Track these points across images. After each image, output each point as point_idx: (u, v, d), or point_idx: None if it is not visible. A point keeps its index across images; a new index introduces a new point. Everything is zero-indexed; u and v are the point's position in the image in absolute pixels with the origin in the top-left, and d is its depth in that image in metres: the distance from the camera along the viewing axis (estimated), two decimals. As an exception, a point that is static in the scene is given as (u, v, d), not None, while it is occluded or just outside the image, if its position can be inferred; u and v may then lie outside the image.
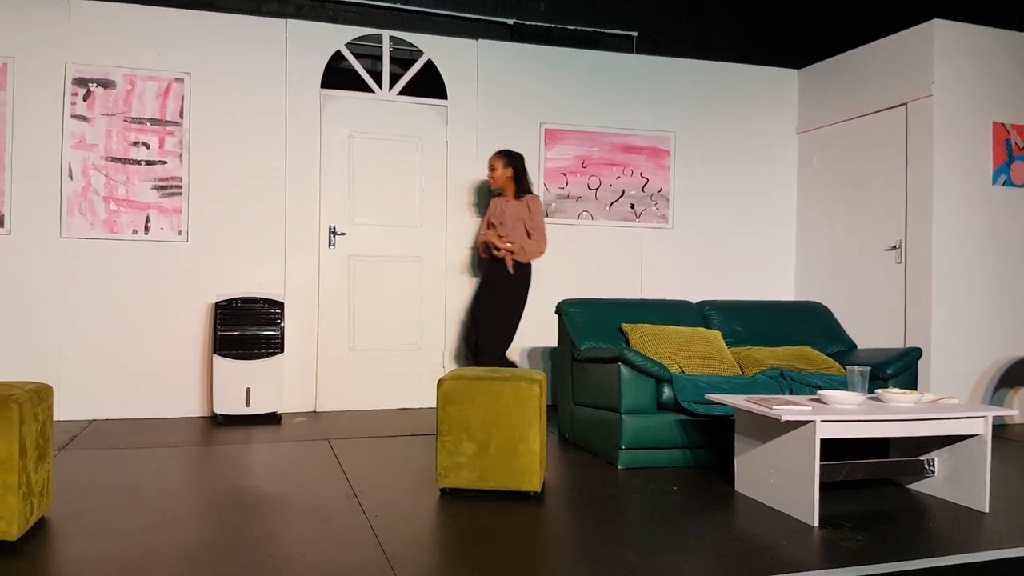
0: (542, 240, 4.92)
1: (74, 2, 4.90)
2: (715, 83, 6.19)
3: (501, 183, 5.01)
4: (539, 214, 4.94)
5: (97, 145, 4.92)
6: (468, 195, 5.60)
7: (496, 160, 5.02)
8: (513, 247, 4.85)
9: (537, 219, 4.92)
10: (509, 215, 4.93)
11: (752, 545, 2.65)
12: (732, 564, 2.47)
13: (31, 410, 2.58)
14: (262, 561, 2.43)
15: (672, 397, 3.76)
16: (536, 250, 4.92)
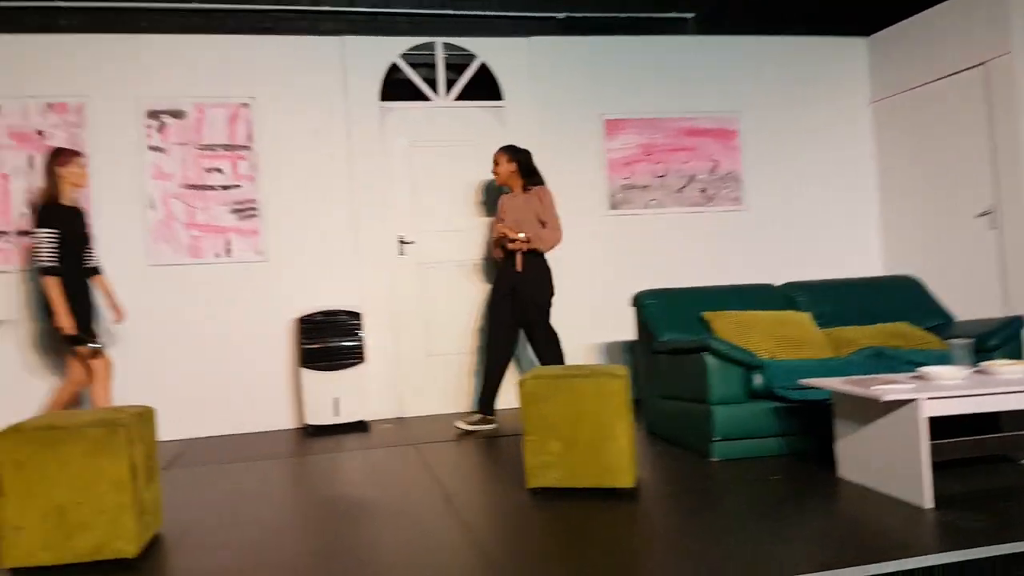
0: (558, 229, 4.77)
1: (142, 37, 5.10)
2: (779, 58, 6.02)
3: (505, 178, 4.88)
4: (551, 203, 4.80)
5: (174, 174, 5.10)
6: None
7: (499, 155, 4.89)
8: (528, 236, 4.70)
9: (550, 208, 4.78)
10: (519, 209, 4.80)
11: (863, 531, 2.56)
12: (844, 551, 2.38)
13: (138, 432, 2.69)
14: (364, 567, 2.47)
15: (764, 384, 3.66)
16: (552, 239, 4.75)
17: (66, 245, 4.26)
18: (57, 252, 4.21)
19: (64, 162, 4.30)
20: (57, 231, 4.22)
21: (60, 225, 4.24)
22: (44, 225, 4.20)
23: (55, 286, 4.19)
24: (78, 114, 4.98)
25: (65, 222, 4.27)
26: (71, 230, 4.30)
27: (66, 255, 4.26)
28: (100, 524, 2.55)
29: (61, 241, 4.23)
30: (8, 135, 4.88)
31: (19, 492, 2.51)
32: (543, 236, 4.72)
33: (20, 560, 2.52)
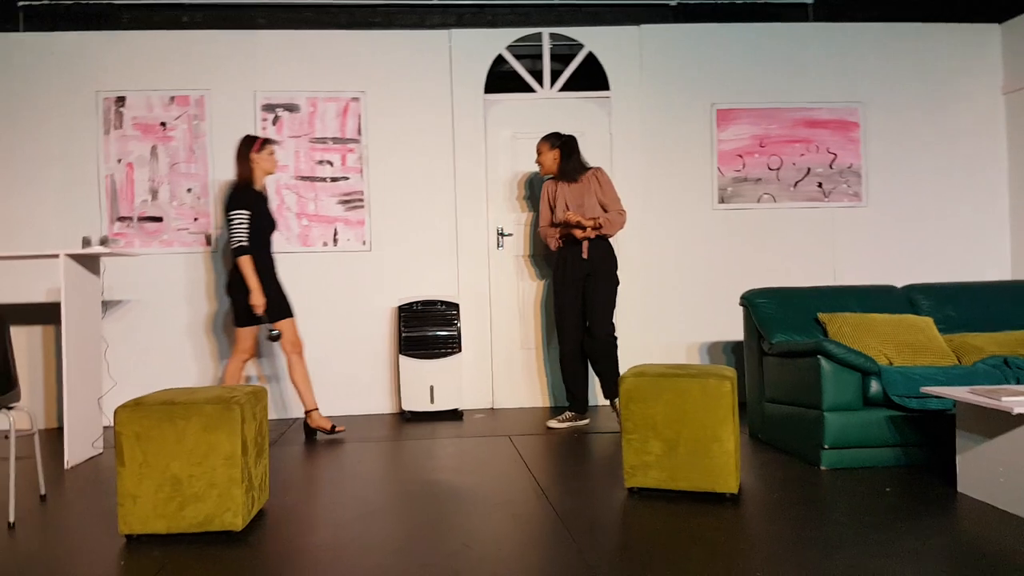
0: (622, 211, 4.60)
1: (259, 33, 5.29)
2: (905, 46, 5.68)
3: (549, 166, 4.72)
4: (611, 184, 4.63)
5: (287, 166, 5.27)
6: (634, 186, 5.48)
7: (542, 144, 4.75)
8: (600, 220, 4.51)
9: (611, 191, 4.61)
10: (576, 195, 4.62)
11: (984, 550, 2.37)
12: (962, 571, 2.22)
13: (250, 410, 2.79)
14: (460, 552, 2.48)
15: (881, 391, 3.46)
16: (619, 221, 4.57)
17: (255, 228, 4.32)
18: (248, 232, 4.27)
19: (258, 148, 4.37)
20: (249, 212, 4.27)
21: (251, 208, 4.30)
22: (238, 207, 4.26)
23: (248, 264, 4.26)
24: (199, 107, 5.22)
25: (255, 206, 4.33)
26: (260, 214, 4.35)
27: (255, 238, 4.32)
28: (211, 497, 2.65)
29: (251, 224, 4.29)
30: (133, 126, 5.17)
31: (137, 463, 2.64)
32: (611, 219, 4.56)
33: (135, 527, 2.65)
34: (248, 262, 4.26)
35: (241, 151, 4.38)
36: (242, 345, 4.43)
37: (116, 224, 5.15)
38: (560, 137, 4.72)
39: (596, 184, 4.61)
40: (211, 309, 5.21)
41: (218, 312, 5.21)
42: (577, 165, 4.67)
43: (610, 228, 4.56)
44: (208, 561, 2.48)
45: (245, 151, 4.38)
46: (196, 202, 5.21)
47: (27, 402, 5.01)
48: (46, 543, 2.70)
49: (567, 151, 4.67)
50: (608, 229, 4.55)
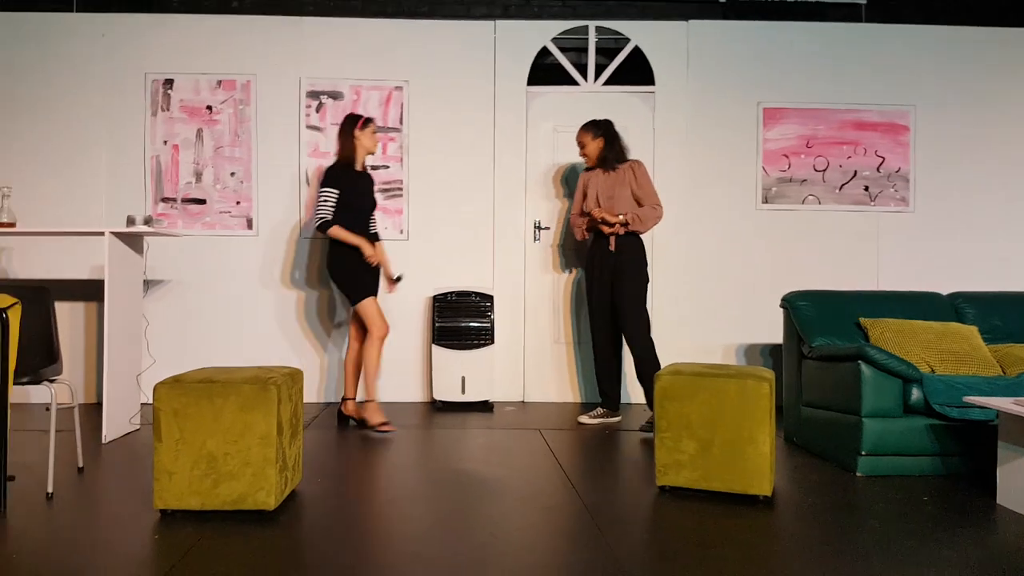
0: (658, 206, 4.44)
1: (306, 20, 5.33)
2: (959, 50, 5.53)
3: (596, 157, 4.56)
4: (648, 177, 4.47)
5: (329, 153, 5.31)
6: (676, 183, 5.43)
7: (584, 135, 4.59)
8: (627, 217, 4.38)
9: (646, 184, 4.44)
10: (610, 186, 4.47)
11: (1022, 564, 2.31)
12: (1009, 589, 2.16)
13: (287, 391, 2.81)
14: (489, 543, 2.47)
15: (922, 399, 3.39)
16: (653, 216, 4.42)
17: (351, 208, 4.24)
18: (332, 210, 4.18)
19: (362, 126, 4.29)
20: (337, 191, 4.20)
21: (346, 187, 4.22)
22: (327, 185, 4.20)
23: (340, 230, 4.19)
24: (245, 91, 5.28)
25: (352, 185, 4.25)
26: (357, 194, 4.28)
27: (351, 218, 4.24)
28: (245, 475, 2.68)
29: (341, 202, 4.21)
30: (180, 108, 5.25)
31: (174, 439, 2.68)
32: (642, 216, 4.40)
33: (169, 503, 2.69)
34: (339, 229, 4.20)
35: (345, 128, 4.31)
36: (374, 323, 4.26)
37: (160, 205, 5.23)
38: (599, 125, 4.59)
39: (632, 176, 4.49)
40: (250, 292, 5.27)
41: (257, 295, 5.27)
42: (619, 153, 4.55)
43: (641, 225, 4.42)
44: (240, 539, 2.51)
45: (349, 128, 4.30)
46: (239, 186, 5.27)
47: (68, 376, 5.12)
48: (82, 515, 2.75)
49: (610, 138, 4.55)
50: (638, 226, 4.42)
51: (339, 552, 2.40)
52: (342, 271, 4.28)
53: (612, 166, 4.52)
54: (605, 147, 4.55)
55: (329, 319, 5.32)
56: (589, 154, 4.61)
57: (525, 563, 2.32)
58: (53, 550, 2.39)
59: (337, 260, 4.28)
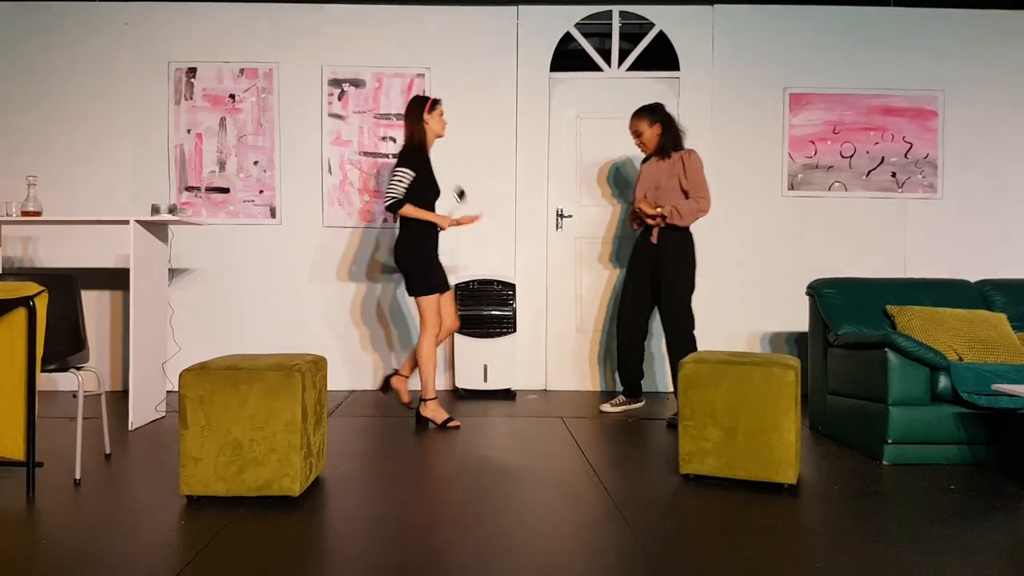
0: (703, 198, 4.19)
1: (327, 8, 5.32)
2: (991, 34, 5.41)
3: (654, 145, 4.35)
4: (697, 169, 4.22)
5: (351, 141, 5.32)
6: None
7: (639, 123, 4.36)
8: (664, 210, 4.19)
9: (695, 176, 4.21)
10: (659, 176, 4.29)
11: (1063, 559, 2.27)
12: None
13: (311, 378, 2.83)
14: (513, 529, 2.47)
15: (949, 387, 3.34)
16: (695, 209, 4.18)
17: (423, 193, 4.08)
18: (405, 191, 4.00)
19: (430, 109, 4.11)
20: (413, 173, 4.02)
21: (419, 170, 4.05)
22: (404, 165, 4.02)
23: (412, 209, 4.01)
24: (267, 80, 5.29)
25: (426, 170, 4.10)
26: (430, 179, 4.12)
27: (421, 203, 4.07)
28: (270, 462, 2.70)
29: (414, 186, 4.03)
30: (203, 97, 5.27)
31: (200, 426, 2.70)
32: (682, 209, 4.18)
33: (195, 489, 2.71)
34: (412, 207, 4.01)
35: (413, 112, 4.12)
36: (429, 319, 4.08)
37: (184, 194, 5.27)
38: (655, 110, 4.36)
39: (681, 167, 4.26)
40: (273, 280, 5.30)
41: (281, 284, 5.31)
42: (676, 138, 4.33)
43: (680, 219, 4.20)
44: (265, 524, 2.53)
45: (418, 112, 4.11)
46: (262, 175, 5.29)
47: (95, 364, 5.19)
48: (109, 500, 2.79)
49: (667, 122, 4.34)
50: (677, 220, 4.20)
51: (363, 538, 2.42)
52: (409, 259, 4.09)
53: (667, 153, 4.31)
54: (663, 133, 4.33)
55: (352, 307, 5.34)
56: (647, 142, 4.38)
57: (549, 549, 2.32)
58: (80, 536, 2.43)
59: (406, 247, 4.09)
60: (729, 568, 2.17)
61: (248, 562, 2.20)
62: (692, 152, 4.30)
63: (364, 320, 5.34)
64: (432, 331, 4.10)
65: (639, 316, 4.46)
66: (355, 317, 5.34)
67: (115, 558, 2.23)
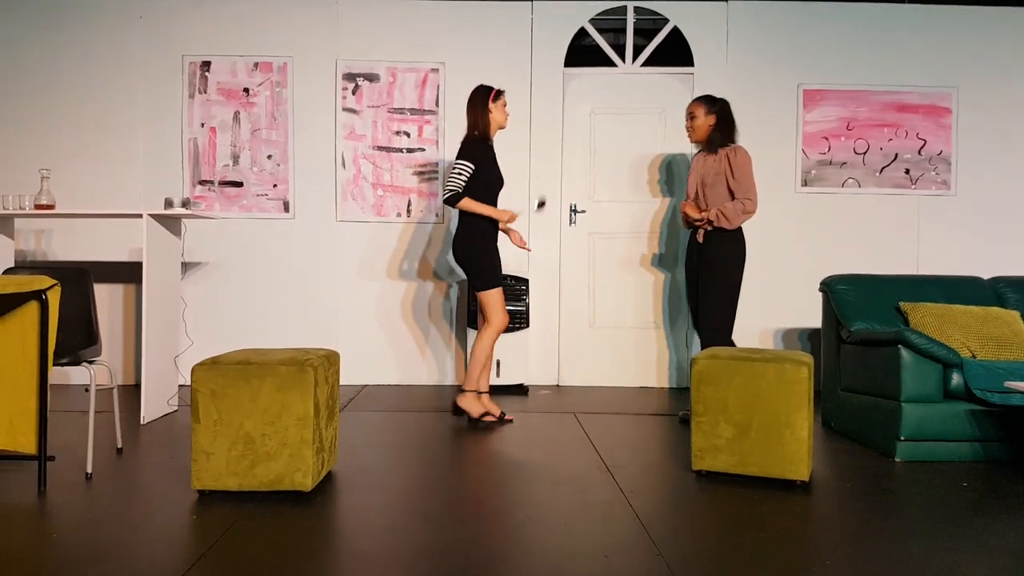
0: (750, 199, 4.08)
1: (342, 1, 5.32)
2: (1002, 31, 5.37)
3: (702, 134, 4.24)
4: (744, 167, 4.11)
5: (365, 136, 5.32)
6: (715, 167, 5.35)
7: (697, 107, 4.26)
8: (709, 215, 4.11)
9: (742, 174, 4.10)
10: (707, 172, 4.19)
11: (1076, 558, 2.26)
12: (1054, 579, 2.11)
13: (323, 373, 2.83)
14: (525, 524, 2.48)
15: (962, 384, 3.33)
16: (740, 211, 4.07)
17: (486, 184, 4.01)
18: (464, 184, 3.94)
19: (494, 99, 4.04)
20: (473, 166, 3.95)
21: (480, 163, 3.97)
22: (464, 157, 3.96)
23: (471, 203, 3.95)
24: (281, 74, 5.30)
25: (489, 161, 4.03)
26: (491, 170, 4.04)
27: (484, 195, 4.01)
28: (282, 456, 2.71)
29: (476, 178, 3.97)
30: (217, 91, 5.28)
31: (212, 420, 2.71)
32: (728, 214, 4.07)
33: (207, 483, 2.72)
34: (470, 201, 3.94)
35: (478, 101, 4.04)
36: (494, 315, 4.01)
37: (197, 187, 5.29)
38: (715, 101, 4.26)
39: (727, 165, 4.15)
40: (286, 275, 5.32)
41: (294, 278, 5.32)
42: (726, 136, 4.21)
43: (727, 223, 4.09)
44: (277, 519, 2.54)
45: (482, 101, 4.03)
46: (276, 169, 5.31)
47: (107, 358, 5.22)
48: (121, 494, 2.81)
49: (723, 117, 4.22)
50: (723, 223, 4.09)
51: (375, 533, 2.42)
52: (470, 254, 4.01)
53: (715, 149, 4.20)
54: (716, 127, 4.22)
55: (366, 302, 5.35)
56: (697, 127, 4.26)
57: (561, 545, 2.32)
58: (91, 530, 2.44)
59: (465, 242, 4.02)
60: (741, 564, 2.17)
61: (259, 557, 2.22)
62: (739, 149, 4.18)
63: (377, 315, 5.35)
64: (497, 327, 4.03)
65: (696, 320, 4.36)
66: (368, 312, 5.35)
67: (126, 552, 2.25)
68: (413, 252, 5.36)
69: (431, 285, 5.37)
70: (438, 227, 5.37)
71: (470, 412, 4.10)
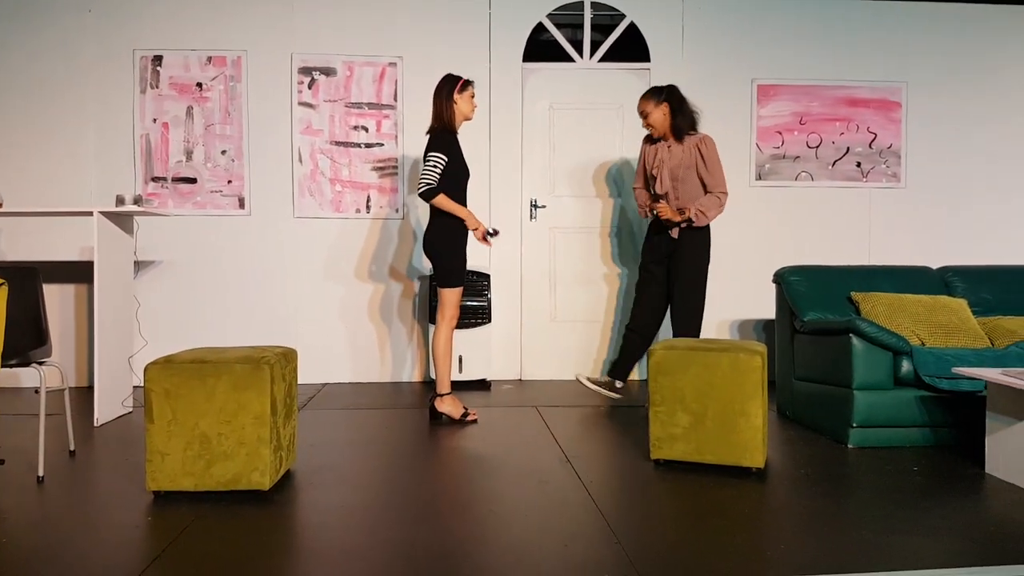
0: (723, 192, 4.15)
1: (298, -4, 5.27)
2: (951, 26, 5.52)
3: (664, 126, 4.21)
4: (715, 158, 4.14)
5: (322, 130, 5.27)
6: (673, 161, 5.41)
7: (645, 104, 4.20)
8: (691, 214, 4.13)
9: (715, 166, 4.13)
10: (676, 163, 4.20)
11: (1010, 531, 2.35)
12: (986, 549, 2.19)
13: (280, 371, 2.81)
14: (486, 517, 2.48)
15: (912, 371, 3.42)
16: (716, 205, 4.13)
17: (454, 178, 3.91)
18: (439, 177, 3.84)
19: (460, 89, 3.93)
20: (447, 158, 3.86)
21: (450, 154, 3.88)
22: (437, 149, 3.85)
23: (446, 200, 3.85)
24: (235, 68, 5.22)
25: (457, 153, 3.94)
26: (457, 162, 3.94)
27: (453, 188, 3.91)
28: (239, 455, 2.68)
29: (446, 170, 3.87)
30: (169, 85, 5.19)
31: (166, 420, 2.67)
32: (706, 210, 4.12)
33: (163, 484, 2.68)
34: (445, 199, 3.85)
35: (444, 91, 3.92)
36: (449, 310, 3.96)
37: (150, 184, 5.19)
38: (661, 90, 4.22)
39: (698, 155, 4.17)
40: (242, 272, 5.25)
41: (250, 275, 5.25)
42: (690, 119, 4.21)
43: (704, 220, 4.15)
44: (235, 519, 2.51)
45: (449, 91, 3.92)
46: (231, 164, 5.23)
47: (58, 359, 5.11)
48: (74, 497, 2.75)
49: (675, 102, 4.19)
50: (702, 221, 4.15)
51: (334, 530, 2.41)
52: (441, 249, 3.95)
53: (682, 136, 4.20)
54: (672, 114, 4.19)
55: (324, 299, 5.30)
56: (655, 124, 4.23)
57: (521, 536, 2.33)
58: (43, 533, 2.39)
59: (439, 237, 3.94)
60: (698, 550, 2.20)
61: (216, 557, 2.19)
62: (708, 139, 4.20)
63: (337, 312, 5.31)
64: (451, 323, 3.99)
65: (656, 318, 4.40)
66: (328, 309, 5.30)
67: (78, 556, 2.20)
68: (373, 248, 5.33)
69: (392, 282, 5.34)
70: (399, 223, 5.34)
71: (451, 415, 4.02)
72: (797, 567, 2.10)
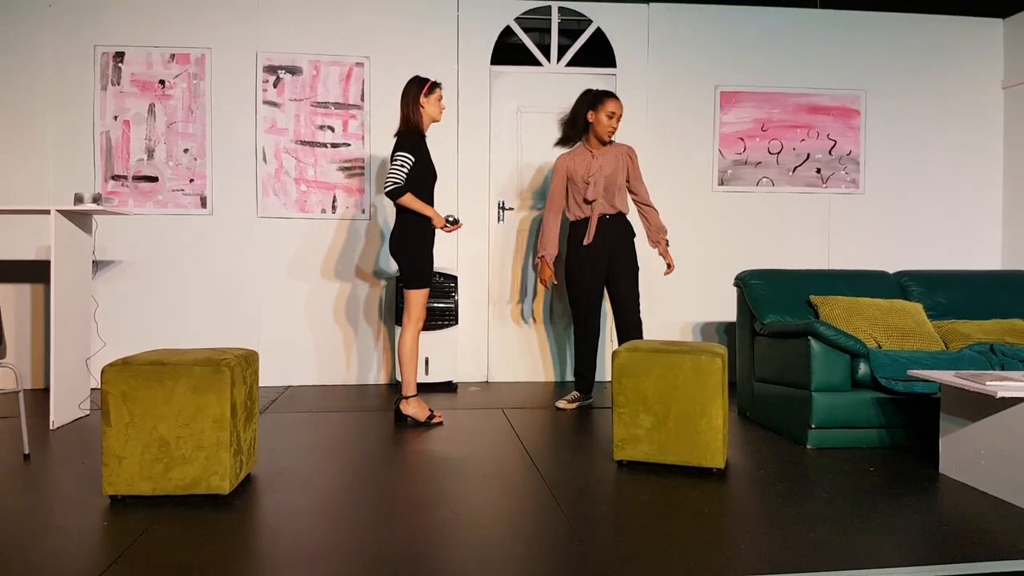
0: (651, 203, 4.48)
1: (264, -6, 5.22)
2: (909, 37, 5.66)
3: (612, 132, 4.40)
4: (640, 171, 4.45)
5: (287, 129, 5.22)
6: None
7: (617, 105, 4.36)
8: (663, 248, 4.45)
9: (641, 177, 4.45)
10: (610, 172, 4.32)
11: (962, 530, 2.41)
12: (940, 548, 2.25)
13: (240, 373, 2.77)
14: (450, 519, 2.48)
15: (868, 373, 3.49)
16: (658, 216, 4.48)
17: (422, 179, 3.90)
18: (406, 177, 3.82)
19: (428, 92, 3.93)
20: (414, 159, 3.84)
21: (417, 155, 3.86)
22: (406, 150, 3.84)
23: (412, 199, 3.84)
24: (199, 65, 5.16)
25: (424, 154, 3.92)
26: (428, 165, 3.94)
27: (421, 189, 3.90)
28: (198, 459, 2.65)
29: (413, 172, 3.85)
30: (131, 82, 5.10)
31: (124, 423, 2.62)
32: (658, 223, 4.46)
33: (120, 488, 2.64)
34: (412, 198, 3.83)
35: (411, 93, 3.92)
36: (415, 312, 3.95)
37: (110, 183, 5.10)
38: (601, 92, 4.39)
39: (629, 163, 4.37)
40: (204, 273, 5.18)
41: (211, 276, 5.18)
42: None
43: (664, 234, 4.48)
44: (193, 524, 2.48)
45: (415, 93, 3.91)
46: (193, 163, 5.16)
47: (13, 360, 4.99)
48: (29, 502, 2.69)
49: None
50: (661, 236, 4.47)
51: (295, 534, 2.39)
52: (405, 251, 3.93)
53: (605, 143, 4.39)
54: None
55: (287, 300, 5.25)
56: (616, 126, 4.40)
57: (484, 537, 2.34)
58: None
59: (403, 237, 3.92)
60: (659, 550, 2.23)
61: (173, 562, 2.16)
62: (633, 149, 4.45)
63: (301, 314, 5.26)
64: (417, 325, 3.97)
65: (598, 317, 4.46)
66: (292, 311, 5.26)
67: (32, 561, 2.16)
68: (339, 249, 5.29)
69: (357, 283, 5.31)
70: (366, 223, 5.31)
71: (416, 417, 4.00)
72: (757, 566, 2.13)
